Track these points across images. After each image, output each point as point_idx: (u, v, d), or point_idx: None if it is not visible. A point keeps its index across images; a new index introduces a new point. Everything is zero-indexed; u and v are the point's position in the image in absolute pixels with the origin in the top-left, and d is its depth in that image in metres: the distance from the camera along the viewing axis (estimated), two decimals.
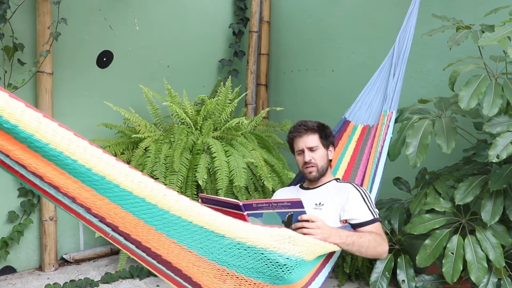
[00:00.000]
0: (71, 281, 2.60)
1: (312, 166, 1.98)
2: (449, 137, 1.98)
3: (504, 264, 1.97)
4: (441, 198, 2.18)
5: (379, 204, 2.74)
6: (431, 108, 2.27)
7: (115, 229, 1.35)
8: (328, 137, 2.06)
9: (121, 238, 1.40)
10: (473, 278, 1.96)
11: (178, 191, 2.51)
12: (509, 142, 1.82)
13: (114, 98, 2.98)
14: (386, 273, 2.26)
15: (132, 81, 3.14)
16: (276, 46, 3.72)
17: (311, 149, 1.99)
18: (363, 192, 1.93)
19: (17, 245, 2.76)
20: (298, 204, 1.59)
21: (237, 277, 1.43)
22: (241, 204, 1.62)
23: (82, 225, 3.04)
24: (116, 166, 1.16)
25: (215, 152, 2.61)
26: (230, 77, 3.37)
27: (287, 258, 1.39)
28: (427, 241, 2.08)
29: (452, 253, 2.02)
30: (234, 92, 3.15)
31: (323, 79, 3.38)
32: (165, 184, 2.55)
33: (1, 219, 2.72)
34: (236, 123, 2.91)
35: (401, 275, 2.24)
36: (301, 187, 2.11)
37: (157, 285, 2.65)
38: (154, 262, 1.46)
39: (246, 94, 3.61)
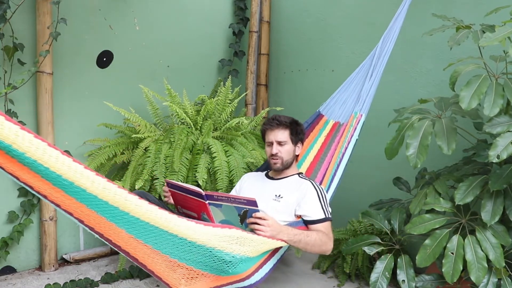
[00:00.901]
0: (71, 281, 2.60)
1: (277, 159, 2.18)
2: (450, 138, 1.98)
3: (504, 264, 1.97)
4: (441, 198, 2.18)
5: (379, 204, 2.75)
6: (431, 108, 2.27)
7: (81, 222, 1.57)
8: (298, 134, 2.23)
9: (87, 229, 1.61)
10: (473, 278, 1.97)
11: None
12: (509, 142, 1.82)
13: (114, 98, 2.98)
14: (386, 273, 2.26)
15: (132, 81, 3.14)
16: (276, 46, 3.72)
17: (279, 143, 2.17)
18: (320, 191, 2.11)
19: (17, 245, 2.76)
20: (253, 203, 1.80)
21: (187, 268, 1.66)
22: (203, 194, 1.83)
23: (82, 225, 3.03)
24: (84, 174, 1.36)
25: (215, 152, 2.62)
26: (230, 77, 3.36)
27: (233, 257, 1.63)
28: (427, 241, 2.08)
29: (452, 253, 2.02)
30: (234, 92, 3.15)
31: (323, 79, 3.38)
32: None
33: (1, 219, 2.71)
34: (236, 123, 2.91)
35: (401, 275, 2.24)
36: (267, 175, 2.31)
37: (157, 285, 2.65)
38: (116, 249, 1.67)
39: (246, 94, 3.61)
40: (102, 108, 2.89)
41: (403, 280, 2.23)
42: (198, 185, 2.62)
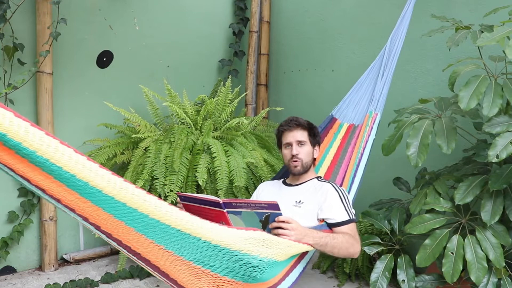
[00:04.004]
0: (71, 281, 2.60)
1: (297, 161, 2.06)
2: (449, 137, 1.98)
3: (504, 264, 1.97)
4: (441, 198, 2.18)
5: (379, 204, 2.74)
6: (431, 108, 2.27)
7: (97, 228, 1.43)
8: (316, 136, 2.15)
9: (103, 236, 1.48)
10: (473, 278, 1.97)
11: (178, 191, 2.52)
12: (508, 142, 1.82)
13: (114, 98, 2.98)
14: (386, 273, 2.26)
15: (132, 81, 3.14)
16: (276, 46, 3.72)
17: (299, 143, 2.07)
18: (341, 192, 2.00)
19: (17, 245, 2.76)
20: (275, 206, 1.67)
21: (212, 275, 1.52)
22: (221, 202, 1.70)
23: (82, 225, 3.04)
24: (99, 173, 1.25)
25: (215, 152, 2.61)
26: (230, 77, 3.37)
27: (260, 260, 1.49)
28: (427, 241, 2.08)
29: (452, 253, 2.02)
30: (234, 92, 3.15)
31: (323, 79, 3.38)
32: (165, 184, 2.58)
33: (1, 219, 2.72)
34: (236, 123, 2.91)
35: (401, 275, 2.24)
36: (284, 182, 2.19)
37: (157, 285, 2.65)
38: (135, 258, 1.55)
39: (246, 94, 3.61)
40: (102, 108, 2.89)
41: (403, 280, 2.23)
42: (198, 186, 2.62)
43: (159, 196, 2.54)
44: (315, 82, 3.44)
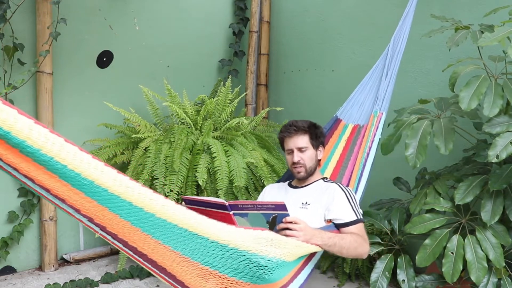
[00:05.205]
0: (71, 281, 2.60)
1: (300, 167, 2.03)
2: (447, 138, 1.98)
3: (504, 264, 1.97)
4: (441, 198, 2.18)
5: (379, 204, 2.74)
6: (431, 108, 2.27)
7: (103, 229, 1.41)
8: (319, 138, 2.09)
9: (109, 237, 1.46)
10: (473, 278, 1.97)
11: (178, 191, 2.51)
12: (508, 142, 1.82)
13: (114, 98, 2.98)
14: (386, 273, 2.26)
15: (132, 81, 3.14)
16: (276, 46, 3.72)
17: (300, 150, 2.03)
18: (348, 192, 1.98)
19: (17, 245, 2.76)
20: (282, 207, 1.65)
21: (220, 277, 1.49)
22: (227, 204, 1.67)
23: (82, 225, 3.04)
24: (105, 171, 1.21)
25: (215, 152, 2.61)
26: (230, 77, 3.37)
27: (269, 260, 1.46)
28: (427, 241, 2.08)
29: (452, 253, 2.02)
30: (234, 92, 3.15)
31: (323, 79, 3.38)
32: (165, 184, 2.58)
33: (1, 219, 2.72)
34: (236, 123, 2.91)
35: (401, 275, 2.24)
36: (290, 184, 2.16)
37: (157, 285, 2.65)
38: (141, 259, 1.52)
39: (246, 94, 3.61)
40: (102, 108, 2.89)
41: (403, 280, 2.23)
42: (198, 186, 2.62)
43: None
44: (315, 82, 3.44)
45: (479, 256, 1.98)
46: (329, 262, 2.85)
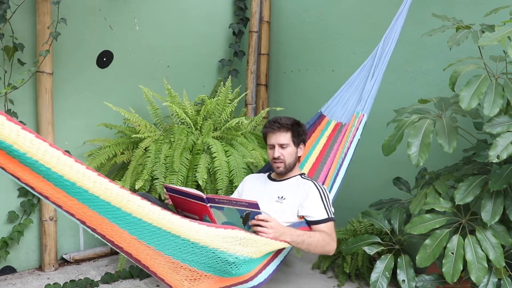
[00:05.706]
0: (71, 281, 2.60)
1: (280, 162, 2.15)
2: (451, 137, 1.98)
3: (504, 264, 1.97)
4: (441, 198, 2.18)
5: (379, 204, 2.75)
6: (431, 108, 2.27)
7: (83, 223, 1.56)
8: (300, 135, 2.20)
9: (89, 230, 1.61)
10: (473, 278, 1.97)
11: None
12: (509, 142, 1.82)
13: (114, 98, 2.98)
14: (386, 273, 2.26)
15: (132, 81, 3.14)
16: (276, 46, 3.72)
17: (281, 146, 2.14)
18: (323, 191, 2.09)
19: (17, 245, 2.76)
20: (255, 205, 1.78)
21: (190, 270, 1.65)
22: (204, 197, 1.81)
23: (82, 225, 3.04)
24: (86, 174, 1.34)
25: (215, 152, 2.61)
26: (230, 77, 3.36)
27: (236, 258, 1.61)
28: (427, 241, 2.08)
29: (452, 253, 2.02)
30: (234, 92, 3.15)
31: (323, 79, 3.38)
32: None
33: (1, 219, 2.71)
34: (236, 123, 2.91)
35: (401, 275, 2.24)
36: (269, 177, 2.29)
37: (157, 285, 2.65)
38: (119, 251, 1.68)
39: (246, 94, 3.61)
40: (102, 108, 2.89)
41: (403, 280, 2.23)
42: (198, 186, 2.62)
43: (159, 196, 2.54)
44: (315, 82, 3.44)
45: (479, 256, 1.98)
46: (329, 262, 2.85)
